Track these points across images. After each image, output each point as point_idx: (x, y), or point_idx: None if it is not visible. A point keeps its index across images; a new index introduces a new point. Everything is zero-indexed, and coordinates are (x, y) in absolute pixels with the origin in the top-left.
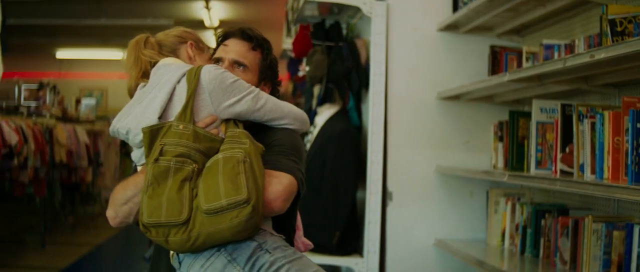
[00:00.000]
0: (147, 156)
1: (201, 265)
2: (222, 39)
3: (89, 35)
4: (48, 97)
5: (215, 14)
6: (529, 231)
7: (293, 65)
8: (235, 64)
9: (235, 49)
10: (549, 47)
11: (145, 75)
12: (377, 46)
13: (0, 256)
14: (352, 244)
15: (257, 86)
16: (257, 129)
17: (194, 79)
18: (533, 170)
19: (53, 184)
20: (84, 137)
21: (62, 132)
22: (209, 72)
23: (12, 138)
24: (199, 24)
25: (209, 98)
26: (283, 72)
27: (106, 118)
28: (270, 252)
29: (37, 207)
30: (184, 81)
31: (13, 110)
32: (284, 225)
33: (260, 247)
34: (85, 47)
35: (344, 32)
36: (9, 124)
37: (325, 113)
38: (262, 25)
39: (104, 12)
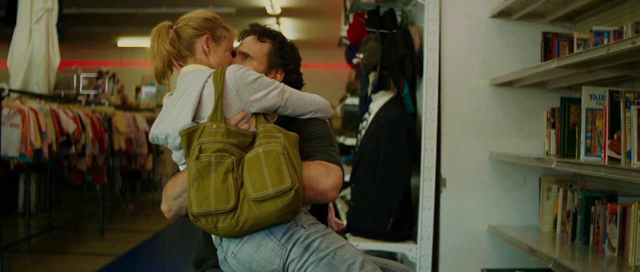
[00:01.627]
0: (187, 156)
1: (240, 238)
2: (242, 37)
3: (150, 24)
4: (107, 86)
5: (277, 2)
6: (579, 217)
7: (350, 52)
8: (241, 55)
9: (245, 42)
10: (599, 34)
11: (169, 66)
12: (430, 33)
13: (60, 242)
14: (406, 231)
15: (265, 73)
16: (287, 119)
17: (220, 81)
18: (583, 157)
19: (113, 171)
20: (143, 125)
21: (121, 120)
22: (234, 72)
23: (70, 126)
24: (261, 12)
25: (237, 95)
26: (342, 60)
27: None
28: (305, 228)
29: (98, 195)
30: (210, 83)
31: (72, 99)
32: (319, 206)
33: (295, 223)
34: (147, 36)
35: (398, 19)
36: (67, 112)
37: (379, 100)
38: (322, 13)
39: (165, 1)
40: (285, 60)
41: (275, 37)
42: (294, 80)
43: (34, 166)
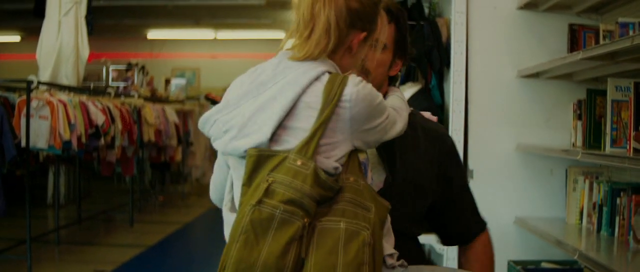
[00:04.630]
0: (246, 184)
1: None
2: None
3: (180, 16)
4: (136, 78)
5: None
6: (605, 209)
7: None
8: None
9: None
10: (624, 26)
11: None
12: (457, 25)
13: (89, 234)
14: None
15: (391, 63)
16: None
17: (335, 97)
18: (608, 148)
19: (142, 163)
20: (173, 117)
21: (150, 112)
22: (358, 91)
23: (99, 118)
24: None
25: (347, 124)
26: None
27: (197, 98)
28: None
29: (127, 186)
30: (318, 88)
31: (101, 91)
32: None
33: None
34: (177, 28)
35: (426, 11)
36: (96, 104)
37: (407, 92)
38: None
39: None
40: (407, 45)
41: (399, 18)
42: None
43: (63, 158)
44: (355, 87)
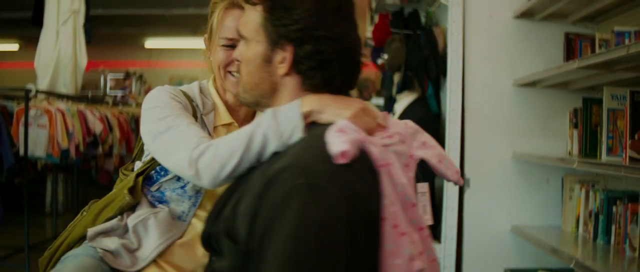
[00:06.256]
0: None
1: None
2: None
3: (177, 25)
4: (134, 86)
5: None
6: (601, 217)
7: (375, 53)
8: (242, 40)
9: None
10: (620, 34)
11: None
12: (454, 34)
13: None
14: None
15: (270, 55)
16: None
17: None
18: (604, 157)
19: None
20: None
21: None
22: None
23: (97, 127)
24: None
25: None
26: (367, 60)
27: None
28: None
29: None
30: None
31: (99, 100)
32: None
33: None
34: (175, 37)
35: (422, 20)
36: (94, 113)
37: (404, 100)
38: None
39: (192, 2)
40: (286, 27)
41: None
42: (315, 52)
43: (61, 166)
44: None
